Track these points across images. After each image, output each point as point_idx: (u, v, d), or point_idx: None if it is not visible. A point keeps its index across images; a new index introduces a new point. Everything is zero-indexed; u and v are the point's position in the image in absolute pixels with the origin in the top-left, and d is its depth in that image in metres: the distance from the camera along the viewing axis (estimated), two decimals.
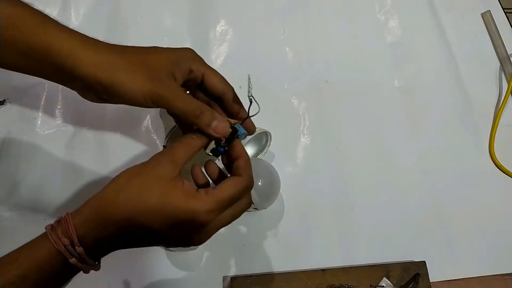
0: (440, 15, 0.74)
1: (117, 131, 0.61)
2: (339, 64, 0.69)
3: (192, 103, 0.39)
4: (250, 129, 0.44)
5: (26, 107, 0.61)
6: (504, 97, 0.67)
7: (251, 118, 0.42)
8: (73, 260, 0.34)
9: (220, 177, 0.41)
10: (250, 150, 0.60)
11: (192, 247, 0.47)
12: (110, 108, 0.63)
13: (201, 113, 0.38)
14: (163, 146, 0.54)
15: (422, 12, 0.75)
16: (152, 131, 0.62)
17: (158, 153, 0.38)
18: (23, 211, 0.55)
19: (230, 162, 0.41)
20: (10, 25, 0.37)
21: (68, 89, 0.39)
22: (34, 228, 0.54)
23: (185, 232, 0.36)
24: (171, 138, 0.53)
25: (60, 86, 0.63)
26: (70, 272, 0.36)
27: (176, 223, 0.35)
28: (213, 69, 0.42)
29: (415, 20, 0.74)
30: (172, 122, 0.54)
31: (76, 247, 0.34)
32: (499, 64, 0.71)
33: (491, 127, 0.66)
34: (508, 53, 0.71)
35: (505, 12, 0.75)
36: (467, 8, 0.76)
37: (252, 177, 0.39)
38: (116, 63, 0.38)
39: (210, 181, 0.41)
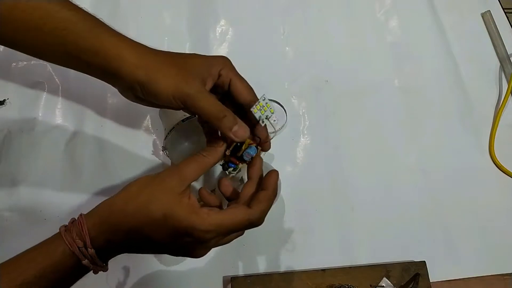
0: (440, 15, 0.74)
1: (117, 131, 0.61)
2: (339, 64, 0.69)
3: (217, 106, 0.40)
4: (266, 147, 0.46)
5: (26, 107, 0.61)
6: (504, 97, 0.67)
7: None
8: (85, 261, 0.36)
9: (233, 195, 0.43)
10: None
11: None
12: (110, 108, 0.62)
13: (224, 116, 0.40)
14: (163, 146, 0.54)
15: (422, 12, 0.75)
16: (152, 131, 0.62)
17: (170, 167, 0.39)
18: (23, 211, 0.55)
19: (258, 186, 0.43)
20: (62, 28, 0.39)
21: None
22: (34, 228, 0.54)
23: (185, 245, 0.38)
24: (171, 138, 0.53)
25: (60, 86, 0.63)
26: (81, 272, 0.38)
27: (177, 235, 0.37)
28: (242, 78, 0.44)
29: (415, 20, 0.74)
30: (172, 123, 0.54)
31: (88, 249, 0.36)
32: (499, 64, 0.71)
33: (491, 127, 0.66)
34: (508, 53, 0.71)
35: (505, 12, 0.75)
36: (467, 8, 0.76)
37: (262, 216, 0.40)
38: (154, 65, 0.40)
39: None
